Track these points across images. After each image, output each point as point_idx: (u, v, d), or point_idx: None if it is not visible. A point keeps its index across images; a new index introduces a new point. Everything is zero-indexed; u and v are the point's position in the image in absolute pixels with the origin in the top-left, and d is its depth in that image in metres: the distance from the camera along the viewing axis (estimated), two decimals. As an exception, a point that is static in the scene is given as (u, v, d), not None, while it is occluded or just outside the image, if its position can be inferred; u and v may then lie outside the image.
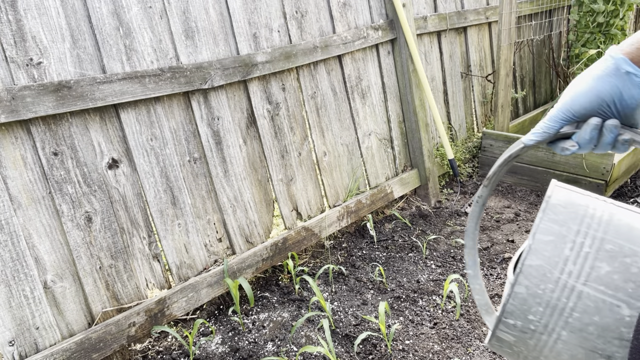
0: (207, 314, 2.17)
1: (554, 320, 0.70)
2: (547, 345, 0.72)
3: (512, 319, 0.72)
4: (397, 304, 2.15)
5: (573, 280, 0.68)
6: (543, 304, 0.70)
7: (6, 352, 1.57)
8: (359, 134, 2.77)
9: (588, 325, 0.68)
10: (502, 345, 0.77)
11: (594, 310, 0.67)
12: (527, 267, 0.70)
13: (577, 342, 0.69)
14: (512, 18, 3.24)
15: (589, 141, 0.73)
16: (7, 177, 1.57)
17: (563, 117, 0.74)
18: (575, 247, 0.69)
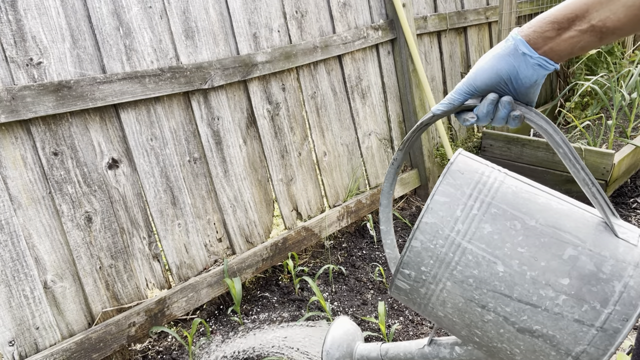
0: (207, 314, 2.17)
1: (441, 272, 0.79)
2: (435, 294, 0.81)
3: (407, 270, 0.82)
4: (397, 304, 2.15)
5: (460, 237, 0.77)
6: (434, 257, 0.79)
7: (6, 352, 1.57)
8: (359, 134, 2.77)
9: (468, 277, 0.77)
10: (400, 293, 0.87)
11: (474, 265, 0.76)
12: (423, 224, 0.79)
13: (459, 292, 0.78)
14: (512, 18, 3.24)
15: (486, 114, 0.79)
16: (7, 177, 1.57)
17: (467, 90, 0.80)
18: (465, 209, 0.77)
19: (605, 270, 0.70)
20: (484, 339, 0.80)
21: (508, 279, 0.74)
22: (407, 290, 0.85)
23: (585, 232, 0.73)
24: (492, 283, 0.75)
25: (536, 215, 0.75)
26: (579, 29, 0.70)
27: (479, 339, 0.81)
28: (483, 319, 0.77)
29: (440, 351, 0.94)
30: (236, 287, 2.04)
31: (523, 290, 0.73)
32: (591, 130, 3.32)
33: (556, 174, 3.06)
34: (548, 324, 0.72)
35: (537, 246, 0.73)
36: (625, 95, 3.33)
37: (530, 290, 0.73)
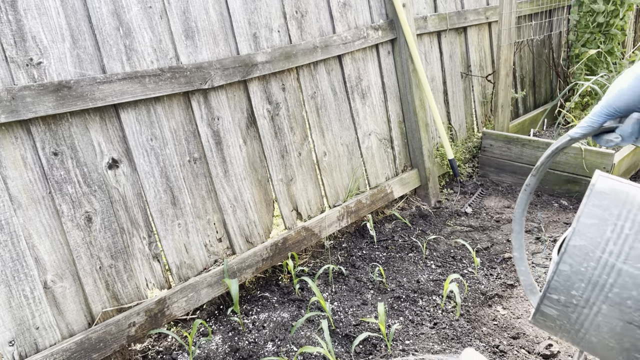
0: (207, 314, 2.17)
1: (595, 295, 0.76)
2: (588, 319, 0.78)
3: (556, 295, 0.80)
4: (397, 304, 2.15)
5: (613, 258, 0.75)
6: (585, 280, 0.77)
7: (6, 352, 1.57)
8: (359, 134, 2.77)
9: (626, 299, 0.74)
10: (545, 320, 0.84)
11: (632, 286, 0.73)
12: (572, 247, 0.78)
13: (616, 315, 0.75)
14: (512, 18, 3.24)
15: (630, 134, 0.82)
16: (7, 177, 1.57)
17: (607, 112, 0.82)
18: (616, 229, 0.76)
19: None
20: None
21: None
22: (554, 316, 0.83)
23: None
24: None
25: None
26: None
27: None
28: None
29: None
30: (232, 288, 2.02)
31: None
32: (591, 130, 3.31)
33: (556, 174, 3.06)
34: None
35: None
36: (625, 95, 3.33)
37: None
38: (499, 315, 2.07)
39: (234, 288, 2.02)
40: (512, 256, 1.02)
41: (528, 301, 2.14)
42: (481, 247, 2.60)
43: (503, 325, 2.00)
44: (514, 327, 1.98)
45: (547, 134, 3.85)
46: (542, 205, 3.01)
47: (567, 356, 1.80)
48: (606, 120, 0.83)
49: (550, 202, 3.03)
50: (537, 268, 2.38)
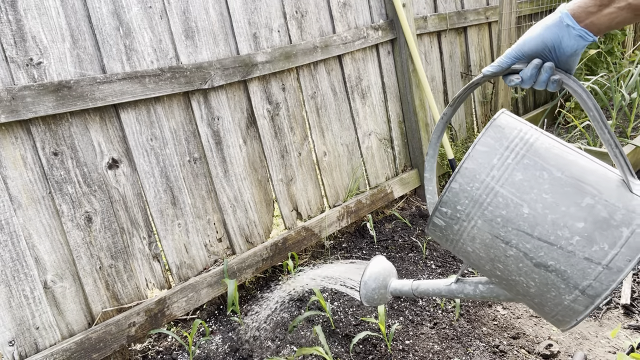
0: (207, 313, 2.17)
1: (474, 211, 0.90)
2: (466, 230, 0.93)
3: (445, 208, 0.94)
4: (397, 304, 2.15)
5: (494, 182, 0.88)
6: (469, 198, 0.90)
7: (6, 352, 1.57)
8: (359, 134, 2.77)
9: (497, 217, 0.88)
10: (435, 230, 0.98)
11: (504, 206, 0.87)
12: (464, 169, 0.91)
13: (487, 229, 0.89)
14: (512, 18, 3.24)
15: (529, 77, 0.90)
16: (7, 177, 1.57)
17: (515, 55, 0.91)
18: (502, 158, 0.88)
19: (616, 218, 0.81)
20: (505, 272, 0.91)
21: (531, 219, 0.85)
22: (442, 226, 0.96)
23: (604, 186, 0.84)
24: (517, 222, 0.86)
25: (563, 168, 0.86)
26: (617, 6, 0.82)
27: (501, 272, 0.92)
28: (506, 253, 0.89)
29: (465, 288, 1.06)
30: (229, 289, 2.00)
31: (543, 230, 0.84)
32: (591, 130, 3.31)
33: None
34: (561, 260, 0.84)
35: (560, 194, 0.84)
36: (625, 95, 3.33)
37: (549, 231, 0.84)
38: (499, 315, 2.07)
39: (230, 289, 2.00)
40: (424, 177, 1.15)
41: (528, 301, 2.15)
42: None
43: (503, 325, 2.00)
44: (514, 327, 1.98)
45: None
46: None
47: (567, 356, 1.80)
48: (514, 62, 0.92)
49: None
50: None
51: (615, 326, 1.92)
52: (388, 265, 1.23)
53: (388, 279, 1.21)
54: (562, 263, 0.84)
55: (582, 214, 0.83)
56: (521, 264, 0.88)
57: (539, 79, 0.89)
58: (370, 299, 1.21)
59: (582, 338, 1.90)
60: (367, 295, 1.21)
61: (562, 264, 0.84)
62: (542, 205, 0.85)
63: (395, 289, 1.20)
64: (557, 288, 0.86)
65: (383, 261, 1.25)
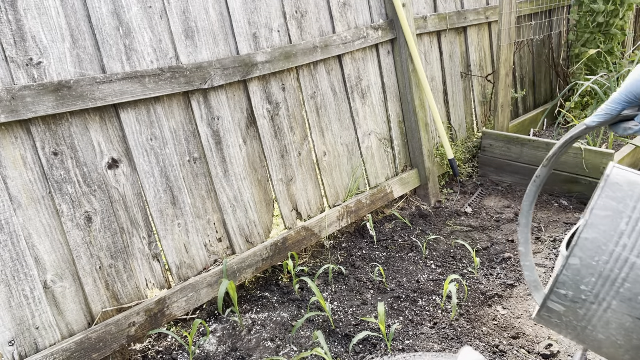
0: (207, 313, 2.17)
1: (606, 290, 0.73)
2: (597, 315, 0.75)
3: (564, 290, 0.77)
4: (397, 304, 2.15)
5: (627, 252, 0.72)
6: (596, 274, 0.74)
7: (6, 352, 1.57)
8: (359, 134, 2.77)
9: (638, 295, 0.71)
10: (551, 316, 0.81)
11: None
12: (583, 240, 0.75)
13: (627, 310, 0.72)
14: (512, 18, 3.24)
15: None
16: (7, 177, 1.57)
17: (625, 99, 0.81)
18: (631, 222, 0.73)
19: None
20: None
21: None
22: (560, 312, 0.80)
23: None
24: None
25: None
26: None
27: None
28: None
29: None
30: (221, 290, 1.97)
31: None
32: (591, 130, 3.31)
33: (556, 174, 3.06)
34: None
35: None
36: (625, 95, 3.32)
37: None
38: (499, 315, 2.07)
39: (221, 291, 1.96)
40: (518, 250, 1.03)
41: (528, 301, 2.15)
42: (481, 247, 2.60)
43: (503, 325, 2.00)
44: (514, 327, 1.98)
45: (547, 134, 3.85)
46: (542, 205, 3.01)
47: (567, 356, 1.80)
48: (624, 108, 0.82)
49: (550, 202, 3.03)
50: (538, 268, 2.37)
51: (615, 326, 1.91)
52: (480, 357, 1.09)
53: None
54: None
55: None
56: None
57: None
58: None
59: (582, 338, 1.89)
60: None
61: None
62: None
63: None
64: None
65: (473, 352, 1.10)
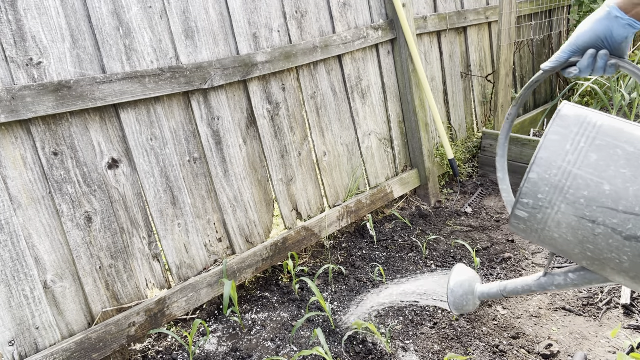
0: (207, 313, 2.17)
1: (556, 197, 0.93)
2: (551, 217, 0.95)
3: (526, 199, 0.97)
4: (397, 304, 2.15)
5: (571, 166, 0.92)
6: (549, 185, 0.94)
7: (6, 352, 1.57)
8: (359, 134, 2.77)
9: (579, 198, 0.91)
10: (519, 223, 1.01)
11: (584, 187, 0.91)
12: (539, 159, 0.95)
13: (572, 212, 0.93)
14: (512, 18, 3.24)
15: (587, 66, 1.00)
16: (7, 177, 1.57)
17: (570, 49, 1.01)
18: (574, 143, 0.93)
19: None
20: (596, 252, 0.94)
21: (614, 195, 0.89)
22: (525, 218, 0.99)
23: None
24: (600, 200, 0.90)
25: (635, 143, 0.90)
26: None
27: (591, 253, 0.95)
28: (594, 232, 0.92)
29: (555, 279, 1.08)
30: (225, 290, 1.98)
31: (627, 203, 0.88)
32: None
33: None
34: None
35: (637, 166, 0.88)
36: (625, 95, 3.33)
37: (634, 202, 0.87)
38: (499, 315, 2.07)
39: (226, 290, 1.98)
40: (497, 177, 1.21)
41: (528, 301, 2.15)
42: (481, 247, 2.60)
43: (503, 325, 2.00)
44: (514, 327, 1.98)
45: (547, 134, 3.84)
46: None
47: (567, 356, 1.80)
48: (570, 56, 1.02)
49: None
50: (538, 268, 2.38)
51: (615, 326, 1.91)
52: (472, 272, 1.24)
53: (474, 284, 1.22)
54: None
55: None
56: (611, 240, 0.90)
57: (597, 66, 0.99)
58: (459, 307, 1.21)
59: (582, 338, 1.90)
60: (455, 303, 1.20)
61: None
62: (622, 180, 0.88)
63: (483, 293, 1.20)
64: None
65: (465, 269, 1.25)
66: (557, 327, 1.97)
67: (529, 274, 2.33)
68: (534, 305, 2.11)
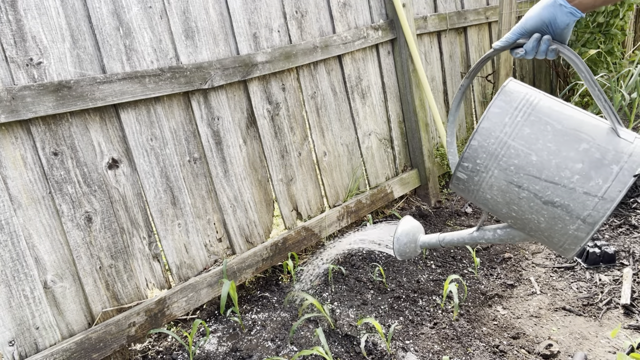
0: (207, 313, 2.17)
1: (491, 163, 1.07)
2: (485, 180, 1.10)
3: (466, 163, 1.11)
4: (397, 304, 2.15)
5: (506, 137, 1.05)
6: (486, 152, 1.07)
7: (6, 352, 1.57)
8: (359, 134, 2.77)
9: (510, 165, 1.05)
10: (459, 184, 1.15)
11: (515, 156, 1.04)
12: (481, 129, 1.08)
13: (502, 176, 1.07)
14: (512, 18, 3.24)
15: (531, 49, 1.09)
16: (7, 177, 1.57)
17: (519, 31, 1.11)
18: (512, 117, 1.06)
19: (607, 158, 0.99)
20: (519, 212, 1.08)
21: (539, 165, 1.02)
22: (464, 179, 1.13)
23: (596, 133, 1.02)
24: (527, 168, 1.03)
25: (563, 121, 1.03)
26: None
27: (515, 213, 1.09)
28: (519, 196, 1.06)
29: (485, 234, 1.23)
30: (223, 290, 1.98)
31: (549, 172, 1.01)
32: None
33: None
34: (565, 196, 1.01)
35: (561, 142, 1.02)
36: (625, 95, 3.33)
37: (554, 173, 1.01)
38: (499, 315, 2.07)
39: (224, 290, 1.98)
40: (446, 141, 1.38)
41: (528, 301, 2.15)
42: (481, 247, 2.60)
43: (503, 325, 2.00)
44: (514, 327, 1.98)
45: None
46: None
47: (567, 356, 1.80)
48: (518, 37, 1.11)
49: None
50: (538, 268, 2.38)
51: (615, 326, 1.92)
52: (416, 223, 1.37)
53: (417, 234, 1.34)
54: (565, 198, 1.01)
55: (579, 157, 1.00)
56: (532, 204, 1.04)
57: (540, 50, 1.08)
58: (402, 253, 1.34)
59: (582, 338, 1.90)
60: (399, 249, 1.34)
61: (565, 199, 1.01)
62: (547, 152, 1.01)
63: (424, 242, 1.33)
64: (562, 220, 1.03)
65: (411, 220, 1.38)
66: (557, 327, 1.97)
67: (529, 274, 2.33)
68: (534, 305, 2.12)
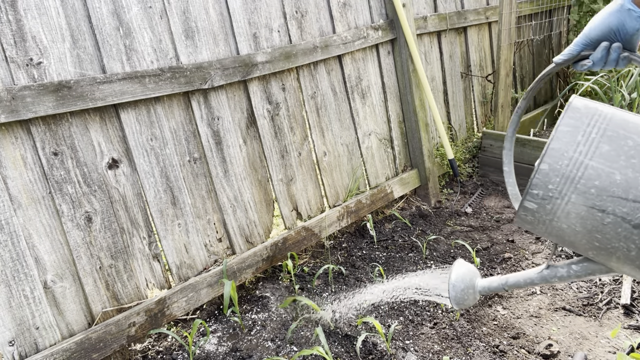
0: (207, 313, 2.17)
1: (567, 187, 0.95)
2: (560, 208, 0.97)
3: (536, 190, 0.98)
4: (397, 304, 2.15)
5: (582, 156, 0.94)
6: (560, 175, 0.95)
7: (6, 352, 1.57)
8: (359, 134, 2.77)
9: (590, 188, 0.93)
10: (526, 215, 1.02)
11: (595, 177, 0.92)
12: (550, 150, 0.96)
13: (582, 201, 0.94)
14: (512, 18, 3.24)
15: (600, 59, 1.01)
16: (7, 177, 1.57)
17: (583, 42, 1.03)
18: (585, 134, 0.95)
19: None
20: (603, 241, 0.95)
21: (624, 184, 0.91)
22: (534, 209, 1.01)
23: None
24: (610, 189, 0.92)
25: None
26: None
27: (599, 242, 0.96)
28: (603, 222, 0.93)
29: (558, 271, 1.09)
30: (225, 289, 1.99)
31: (637, 192, 0.90)
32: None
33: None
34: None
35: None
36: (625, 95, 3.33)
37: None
38: (499, 315, 2.07)
39: (226, 290, 1.99)
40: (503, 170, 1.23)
41: (528, 301, 2.15)
42: (481, 247, 2.60)
43: (503, 325, 2.00)
44: (514, 327, 1.98)
45: (547, 134, 3.85)
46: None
47: (567, 356, 1.80)
48: (583, 49, 1.03)
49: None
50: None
51: (615, 326, 1.92)
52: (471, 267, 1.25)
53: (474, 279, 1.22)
54: None
55: None
56: (620, 229, 0.92)
57: (609, 59, 1.01)
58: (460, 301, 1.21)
59: (582, 338, 1.90)
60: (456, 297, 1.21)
61: None
62: (632, 169, 0.91)
63: (484, 287, 1.20)
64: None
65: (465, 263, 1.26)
66: (557, 327, 1.97)
67: (529, 274, 2.33)
68: (534, 305, 2.11)
